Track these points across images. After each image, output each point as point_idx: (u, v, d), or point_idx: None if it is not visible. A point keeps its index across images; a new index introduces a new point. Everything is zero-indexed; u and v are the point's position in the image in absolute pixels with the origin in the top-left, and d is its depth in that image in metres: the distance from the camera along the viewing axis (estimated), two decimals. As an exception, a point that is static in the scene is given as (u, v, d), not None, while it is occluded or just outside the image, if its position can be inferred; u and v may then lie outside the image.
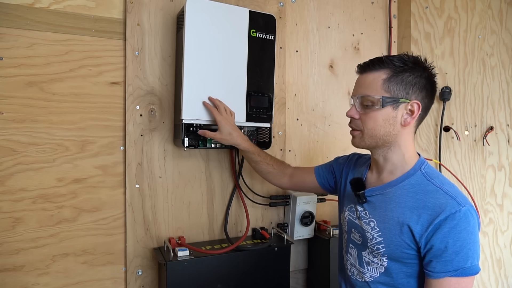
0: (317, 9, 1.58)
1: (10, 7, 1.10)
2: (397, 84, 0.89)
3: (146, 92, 1.26)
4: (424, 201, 0.87)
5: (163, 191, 1.30)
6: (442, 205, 0.84)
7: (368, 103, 0.90)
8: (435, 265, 0.84)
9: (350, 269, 1.02)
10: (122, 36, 1.24)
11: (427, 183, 0.89)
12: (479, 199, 1.84)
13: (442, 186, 0.88)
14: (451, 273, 0.82)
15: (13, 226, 1.12)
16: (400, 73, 0.89)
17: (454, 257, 0.82)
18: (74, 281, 1.20)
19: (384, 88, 0.89)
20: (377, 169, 0.99)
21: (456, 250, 0.82)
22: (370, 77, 0.91)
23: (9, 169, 1.11)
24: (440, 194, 0.86)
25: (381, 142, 0.92)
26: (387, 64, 0.89)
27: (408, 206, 0.89)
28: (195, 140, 1.24)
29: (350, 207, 1.03)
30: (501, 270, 1.92)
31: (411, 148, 0.94)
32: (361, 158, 1.12)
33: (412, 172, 0.92)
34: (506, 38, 1.91)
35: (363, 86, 0.92)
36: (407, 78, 0.89)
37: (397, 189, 0.92)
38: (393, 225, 0.90)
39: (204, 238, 1.37)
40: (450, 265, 0.83)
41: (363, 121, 0.92)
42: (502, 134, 1.91)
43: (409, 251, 0.88)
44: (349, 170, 1.11)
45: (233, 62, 1.23)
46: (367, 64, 0.92)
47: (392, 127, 0.90)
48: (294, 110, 1.54)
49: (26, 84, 1.12)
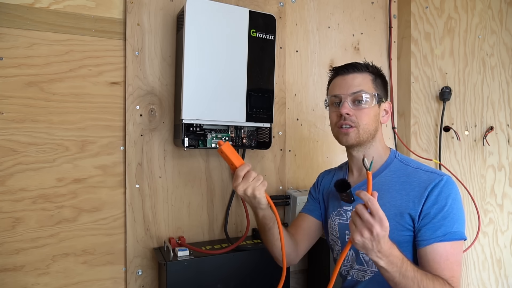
0: (317, 9, 1.58)
1: (10, 7, 1.10)
2: (379, 85, 1.00)
3: (146, 92, 1.26)
4: (408, 181, 0.94)
5: (163, 191, 1.30)
6: (425, 180, 0.92)
7: (362, 99, 0.96)
8: (424, 232, 0.88)
9: (350, 272, 1.01)
10: (122, 36, 1.24)
11: (405, 167, 0.98)
12: (479, 199, 1.84)
13: (419, 167, 0.97)
14: (440, 238, 0.86)
15: (13, 226, 1.12)
16: (378, 76, 1.00)
17: (442, 221, 0.87)
18: (74, 281, 1.20)
19: (373, 86, 0.98)
20: (358, 167, 1.05)
21: (443, 215, 0.87)
22: (359, 77, 0.98)
23: (9, 169, 1.11)
24: (420, 172, 0.95)
25: (371, 137, 0.98)
26: (367, 68, 1.00)
27: (395, 189, 0.94)
28: (195, 140, 1.24)
29: (337, 212, 1.04)
30: (501, 270, 1.92)
31: (384, 143, 1.04)
32: (329, 172, 1.18)
33: (389, 161, 1.00)
34: (506, 38, 1.90)
35: (354, 85, 0.97)
36: (383, 81, 1.02)
37: (380, 178, 0.98)
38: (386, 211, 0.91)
39: (204, 238, 1.37)
40: (438, 230, 0.87)
41: (358, 117, 0.96)
42: (502, 134, 1.91)
43: (405, 232, 0.91)
44: (325, 184, 1.14)
45: (233, 62, 1.23)
46: (352, 66, 1.00)
47: (377, 123, 1.00)
48: (294, 110, 1.54)
49: (26, 84, 1.12)
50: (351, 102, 0.96)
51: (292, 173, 1.53)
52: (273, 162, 1.47)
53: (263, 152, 1.45)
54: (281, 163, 1.49)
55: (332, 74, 1.06)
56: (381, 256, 0.78)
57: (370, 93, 0.96)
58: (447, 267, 0.85)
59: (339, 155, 1.62)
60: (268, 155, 1.46)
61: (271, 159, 1.47)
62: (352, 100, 0.96)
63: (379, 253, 0.77)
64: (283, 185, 1.50)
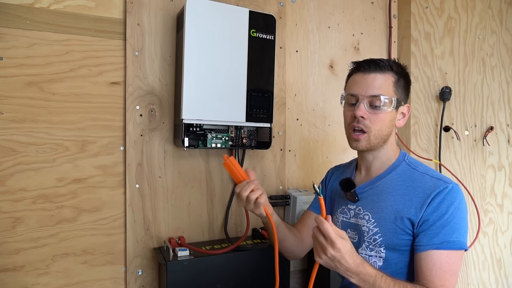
0: (317, 9, 1.58)
1: (10, 7, 1.10)
2: (400, 87, 0.95)
3: (146, 92, 1.26)
4: (413, 186, 0.92)
5: (163, 191, 1.30)
6: (430, 187, 0.90)
7: (379, 104, 0.91)
8: (421, 238, 0.87)
9: None
10: (122, 36, 1.24)
11: (412, 171, 0.96)
12: (479, 199, 1.84)
13: (427, 172, 0.94)
14: (436, 245, 0.85)
15: (13, 226, 1.12)
16: (401, 78, 0.95)
17: (441, 230, 0.85)
18: (74, 281, 1.19)
19: (393, 90, 0.93)
20: (366, 167, 1.03)
21: (442, 223, 0.85)
22: (380, 78, 0.93)
23: (9, 169, 1.11)
24: (426, 178, 0.92)
25: (382, 142, 0.95)
26: (391, 67, 0.94)
27: (399, 193, 0.93)
28: (195, 140, 1.24)
29: (342, 209, 1.04)
30: (501, 270, 1.92)
31: (395, 144, 1.02)
32: (339, 168, 1.17)
33: (397, 163, 0.98)
34: (506, 38, 1.90)
35: (374, 86, 0.92)
36: (405, 82, 0.97)
37: (386, 180, 0.96)
38: (387, 213, 0.92)
39: (204, 238, 1.37)
40: (436, 237, 0.85)
41: (372, 122, 0.93)
42: (502, 134, 1.91)
43: (405, 236, 0.90)
44: (334, 181, 1.14)
45: (233, 62, 1.23)
46: (375, 64, 0.93)
47: (392, 128, 0.96)
48: (294, 110, 1.54)
49: (26, 84, 1.12)
50: (367, 105, 0.92)
51: (292, 173, 1.53)
52: (273, 162, 1.47)
53: (263, 152, 1.45)
54: (281, 163, 1.49)
55: (352, 68, 1.00)
56: (351, 274, 0.80)
57: (389, 97, 0.91)
58: (439, 275, 0.84)
59: (339, 155, 1.62)
60: (268, 155, 1.46)
61: (271, 159, 1.47)
62: (369, 103, 0.92)
63: (347, 271, 0.79)
64: (283, 185, 1.50)
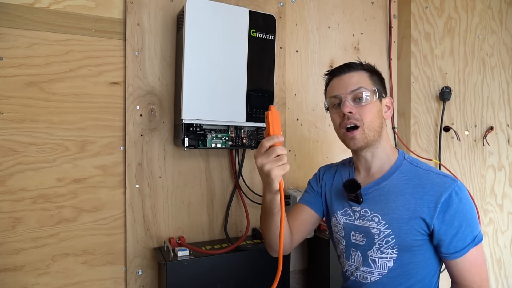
0: (317, 9, 1.58)
1: (10, 7, 1.10)
2: (376, 81, 0.98)
3: (146, 92, 1.26)
4: (421, 184, 0.92)
5: (163, 191, 1.30)
6: (439, 184, 0.90)
7: (362, 96, 0.94)
8: (456, 243, 0.88)
9: (354, 273, 1.00)
10: (122, 36, 1.24)
11: (416, 169, 0.96)
12: (479, 199, 1.84)
13: (430, 169, 0.95)
14: (468, 247, 0.88)
15: (13, 226, 1.12)
16: (374, 73, 0.99)
17: (466, 229, 0.88)
18: (74, 281, 1.20)
19: (371, 82, 0.96)
20: (365, 167, 1.02)
21: (468, 222, 0.88)
22: (356, 75, 0.97)
23: (9, 169, 1.11)
24: (432, 175, 0.93)
25: (377, 135, 0.96)
26: (362, 66, 0.99)
27: (408, 192, 0.93)
28: (195, 140, 1.24)
29: (344, 211, 1.02)
30: (501, 270, 1.92)
31: (390, 142, 1.02)
32: (330, 167, 1.15)
33: (399, 163, 0.98)
34: (506, 38, 1.90)
35: (352, 83, 0.96)
36: (380, 77, 1.00)
37: (391, 180, 0.96)
38: (400, 214, 0.91)
39: (204, 238, 1.37)
40: (468, 237, 0.88)
41: (362, 115, 0.94)
42: (502, 134, 1.91)
43: (419, 237, 0.90)
44: (327, 180, 1.11)
45: (233, 62, 1.23)
46: (347, 66, 0.99)
47: (381, 119, 0.97)
48: (294, 110, 1.54)
49: (26, 84, 1.12)
50: (351, 101, 0.94)
51: (292, 173, 1.53)
52: (273, 162, 1.47)
53: (263, 152, 1.45)
54: (281, 163, 1.49)
55: (328, 77, 1.04)
56: None
57: (369, 89, 0.94)
58: (477, 272, 0.88)
59: (339, 155, 1.62)
60: (268, 155, 1.46)
61: (271, 159, 1.47)
62: (352, 98, 0.94)
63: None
64: (283, 185, 1.50)
